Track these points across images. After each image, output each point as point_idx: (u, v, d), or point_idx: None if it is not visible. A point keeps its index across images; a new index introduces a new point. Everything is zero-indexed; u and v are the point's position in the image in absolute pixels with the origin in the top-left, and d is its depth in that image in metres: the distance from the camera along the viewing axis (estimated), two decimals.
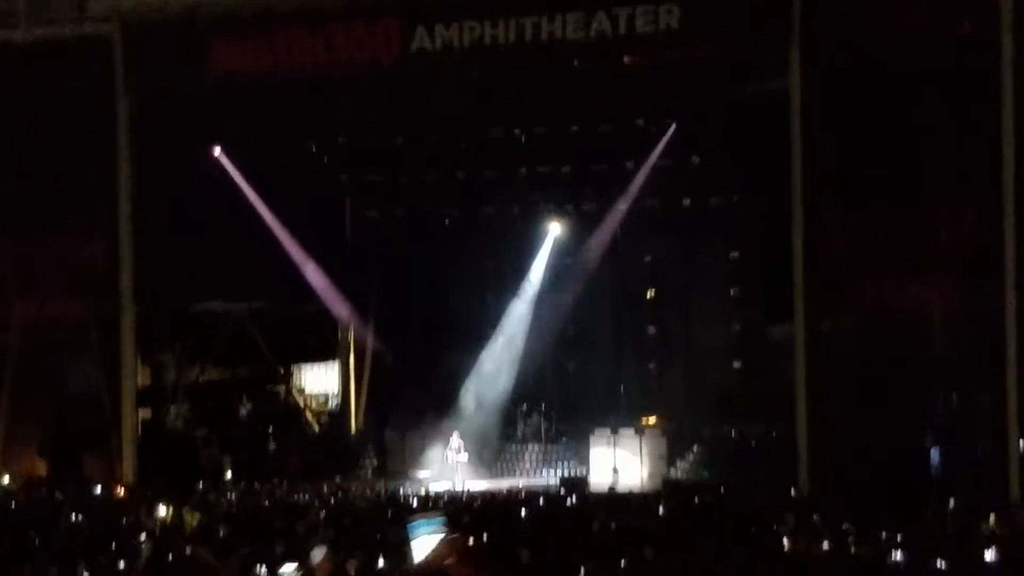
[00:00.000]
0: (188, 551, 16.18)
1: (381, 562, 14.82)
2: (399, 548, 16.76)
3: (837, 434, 27.29)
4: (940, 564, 13.93)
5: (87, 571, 13.81)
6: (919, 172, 26.78)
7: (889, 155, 26.88)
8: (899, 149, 26.84)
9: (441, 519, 10.62)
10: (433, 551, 11.27)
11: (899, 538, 17.04)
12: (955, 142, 26.49)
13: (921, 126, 26.57)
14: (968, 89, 26.70)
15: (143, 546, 16.73)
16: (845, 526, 18.72)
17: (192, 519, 21.87)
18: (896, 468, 25.60)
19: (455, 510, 23.64)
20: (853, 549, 16.12)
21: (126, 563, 14.69)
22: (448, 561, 11.92)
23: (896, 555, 15.02)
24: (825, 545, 16.24)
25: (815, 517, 20.56)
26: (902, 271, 27.17)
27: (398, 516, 22.01)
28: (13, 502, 26.80)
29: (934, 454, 27.60)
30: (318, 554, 12.66)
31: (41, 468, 31.44)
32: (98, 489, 28.95)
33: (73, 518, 21.94)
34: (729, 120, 32.49)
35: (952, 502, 22.45)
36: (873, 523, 18.42)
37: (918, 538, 16.98)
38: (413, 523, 10.53)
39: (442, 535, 10.38)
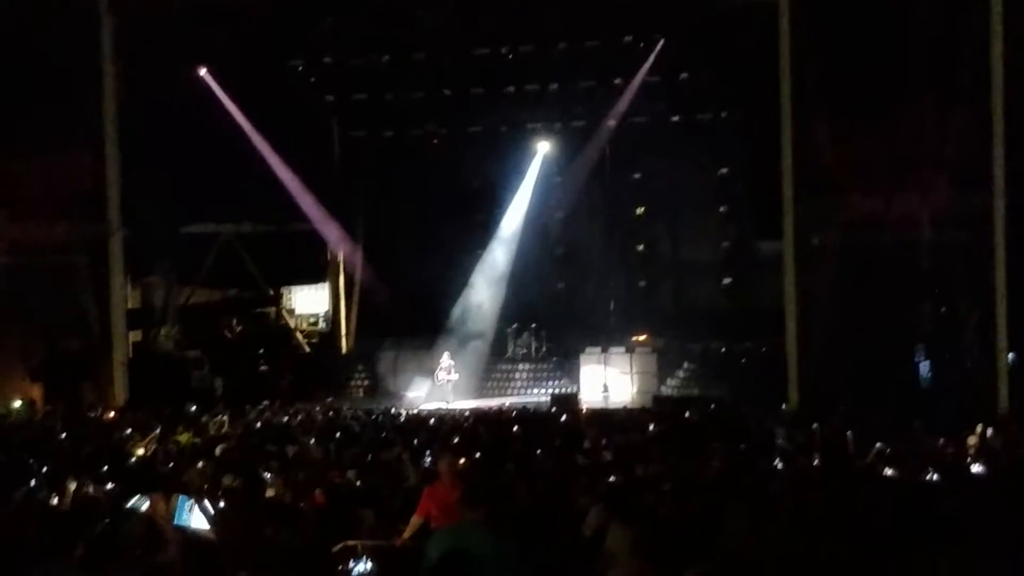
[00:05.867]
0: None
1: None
2: (390, 467, 16.89)
3: (826, 348, 27.36)
4: (930, 476, 13.96)
5: (77, 492, 13.77)
6: (908, 83, 26.63)
7: (879, 68, 26.71)
8: (888, 61, 26.66)
9: (181, 499, 10.84)
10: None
11: (888, 451, 17.10)
12: (944, 52, 26.33)
13: (910, 37, 26.38)
14: None
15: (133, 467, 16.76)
16: (835, 440, 18.81)
17: (184, 440, 21.88)
18: (885, 381, 25.68)
19: (446, 430, 23.71)
20: (843, 463, 16.16)
21: (116, 484, 14.66)
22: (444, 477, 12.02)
23: (886, 468, 15.05)
24: (815, 459, 16.28)
25: (804, 431, 20.66)
26: (891, 184, 27.14)
27: (389, 437, 22.10)
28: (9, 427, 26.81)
29: (923, 367, 27.69)
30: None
31: (33, 392, 31.40)
32: (90, 412, 28.95)
33: (64, 440, 21.91)
34: (718, 35, 32.25)
35: (941, 414, 22.51)
36: (863, 437, 18.49)
37: (908, 451, 17.03)
38: (177, 521, 10.67)
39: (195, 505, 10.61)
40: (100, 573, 8.79)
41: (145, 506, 11.26)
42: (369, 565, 9.95)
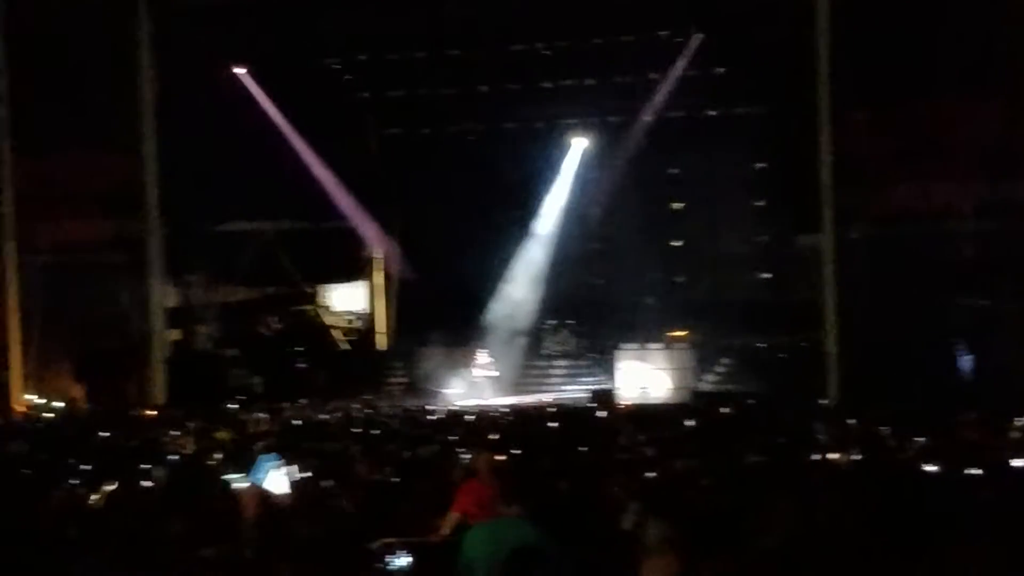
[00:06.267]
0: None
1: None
2: (428, 465, 16.88)
3: (865, 342, 27.24)
4: (971, 471, 13.85)
5: (118, 490, 13.81)
6: (946, 75, 26.49)
7: (915, 58, 26.59)
8: (925, 51, 26.53)
9: (271, 456, 10.68)
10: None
11: (929, 445, 16.99)
12: (981, 40, 26.17)
13: (946, 26, 26.24)
14: None
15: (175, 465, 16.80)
16: (874, 434, 18.70)
17: (223, 438, 21.93)
18: (925, 375, 25.54)
19: (484, 426, 23.70)
20: (883, 457, 16.06)
21: (156, 483, 14.70)
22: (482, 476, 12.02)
23: (926, 462, 14.94)
24: (855, 454, 16.18)
25: (844, 426, 20.55)
26: (929, 176, 27.00)
27: (427, 433, 22.11)
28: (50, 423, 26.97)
29: (964, 360, 27.52)
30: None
31: (74, 390, 31.60)
32: (129, 410, 29.10)
33: (104, 439, 22.01)
34: (754, 28, 32.12)
35: (982, 408, 22.34)
36: (903, 431, 18.38)
37: (948, 445, 16.92)
38: (253, 476, 10.54)
39: (283, 467, 10.46)
40: (140, 569, 8.83)
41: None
42: (408, 560, 9.95)
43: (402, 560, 9.90)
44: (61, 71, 30.78)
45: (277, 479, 10.85)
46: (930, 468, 14.41)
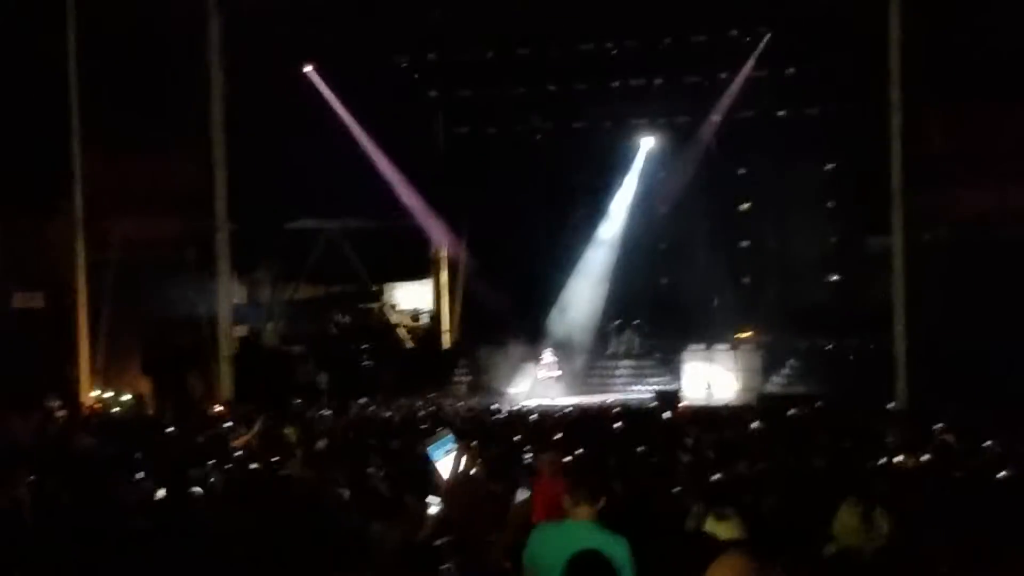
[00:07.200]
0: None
1: None
2: (491, 462, 16.86)
3: (936, 345, 26.96)
4: None
5: (186, 486, 13.89)
6: (1020, 75, 26.17)
7: (989, 59, 26.29)
8: (1001, 54, 26.23)
9: (450, 436, 10.54)
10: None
11: (1000, 450, 16.78)
12: None
13: (1021, 26, 25.91)
14: None
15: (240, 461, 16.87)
16: (944, 439, 18.50)
17: (290, 434, 22.03)
18: (996, 379, 25.24)
19: (548, 426, 23.65)
20: (952, 461, 15.89)
21: (222, 478, 14.78)
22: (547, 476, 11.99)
23: (997, 468, 14.78)
24: (924, 458, 16.02)
25: (912, 429, 20.34)
26: (1003, 178, 26.70)
27: (491, 431, 22.09)
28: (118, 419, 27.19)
29: None
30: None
31: (143, 386, 31.83)
32: (196, 406, 29.29)
33: (173, 434, 22.15)
34: (825, 27, 31.87)
35: None
36: (972, 434, 18.18)
37: (1018, 449, 16.70)
38: (431, 448, 10.40)
39: (456, 449, 10.31)
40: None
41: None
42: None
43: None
44: (130, 70, 30.96)
45: (447, 463, 10.67)
46: (1000, 473, 14.25)
